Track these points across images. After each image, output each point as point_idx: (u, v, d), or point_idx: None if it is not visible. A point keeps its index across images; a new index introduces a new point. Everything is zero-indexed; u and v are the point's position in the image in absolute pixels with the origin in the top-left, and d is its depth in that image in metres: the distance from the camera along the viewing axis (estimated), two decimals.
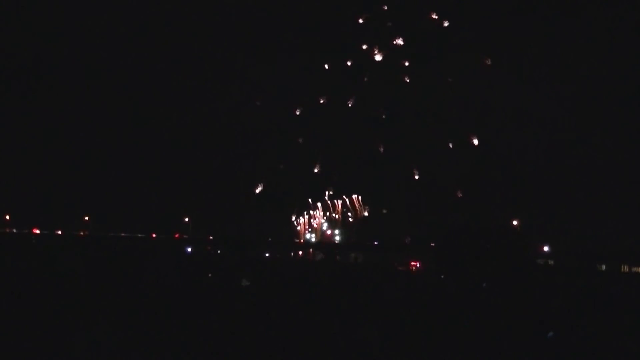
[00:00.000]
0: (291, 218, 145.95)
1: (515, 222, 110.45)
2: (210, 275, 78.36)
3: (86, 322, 39.82)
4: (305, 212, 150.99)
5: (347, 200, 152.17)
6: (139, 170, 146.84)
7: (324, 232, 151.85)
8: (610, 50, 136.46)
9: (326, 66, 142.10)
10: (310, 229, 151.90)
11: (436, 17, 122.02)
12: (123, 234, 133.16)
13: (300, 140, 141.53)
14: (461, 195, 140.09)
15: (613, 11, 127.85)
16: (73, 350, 33.88)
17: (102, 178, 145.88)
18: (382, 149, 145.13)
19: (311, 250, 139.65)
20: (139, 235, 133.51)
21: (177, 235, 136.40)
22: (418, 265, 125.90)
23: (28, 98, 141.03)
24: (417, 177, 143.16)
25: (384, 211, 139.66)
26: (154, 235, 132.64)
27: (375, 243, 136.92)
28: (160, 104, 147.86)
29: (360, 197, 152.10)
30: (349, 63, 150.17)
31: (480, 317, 47.82)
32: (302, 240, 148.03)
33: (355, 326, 41.05)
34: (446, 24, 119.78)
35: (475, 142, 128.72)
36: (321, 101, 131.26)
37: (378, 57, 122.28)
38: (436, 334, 41.30)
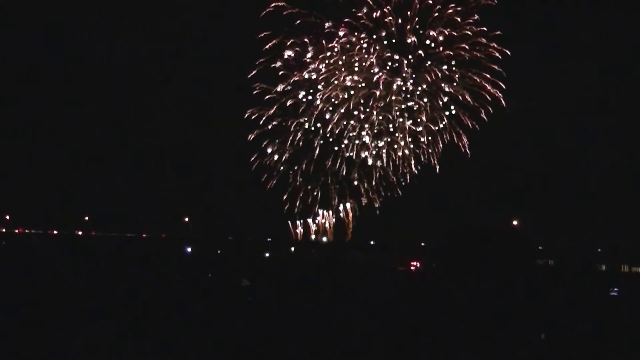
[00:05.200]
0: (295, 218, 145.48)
1: (515, 222, 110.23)
2: (210, 275, 78.25)
3: (87, 322, 39.86)
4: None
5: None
6: (139, 170, 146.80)
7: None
8: (611, 52, 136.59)
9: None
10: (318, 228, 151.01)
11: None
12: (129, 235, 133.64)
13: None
14: (461, 195, 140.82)
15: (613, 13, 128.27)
16: (73, 350, 33.87)
17: (102, 178, 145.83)
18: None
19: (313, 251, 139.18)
20: (129, 235, 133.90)
21: (163, 236, 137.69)
22: (418, 265, 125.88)
23: (28, 97, 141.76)
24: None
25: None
26: (144, 235, 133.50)
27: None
28: (160, 104, 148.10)
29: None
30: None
31: (480, 317, 47.82)
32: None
33: (356, 325, 41.09)
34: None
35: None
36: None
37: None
38: (436, 333, 41.29)
